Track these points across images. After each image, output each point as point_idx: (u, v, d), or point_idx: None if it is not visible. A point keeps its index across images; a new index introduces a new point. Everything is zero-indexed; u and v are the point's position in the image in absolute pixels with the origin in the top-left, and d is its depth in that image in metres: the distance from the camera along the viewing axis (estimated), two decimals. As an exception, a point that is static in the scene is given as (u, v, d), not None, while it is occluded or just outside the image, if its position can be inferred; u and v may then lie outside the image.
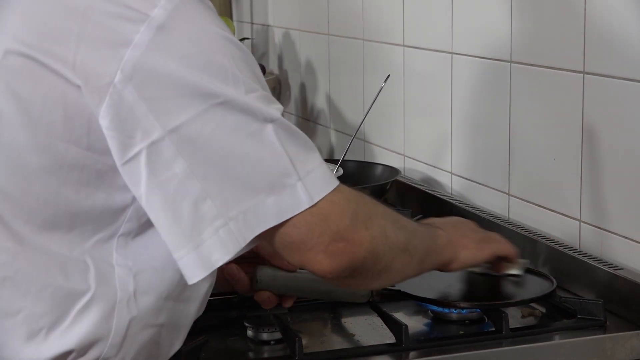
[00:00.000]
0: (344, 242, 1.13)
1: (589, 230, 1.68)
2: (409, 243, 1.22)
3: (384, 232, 1.18)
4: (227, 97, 1.09)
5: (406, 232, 1.22)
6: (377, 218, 1.17)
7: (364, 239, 1.14)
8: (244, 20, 3.43)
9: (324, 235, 1.12)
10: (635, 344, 1.44)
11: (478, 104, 1.99)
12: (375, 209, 1.19)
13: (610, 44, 1.59)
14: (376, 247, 1.16)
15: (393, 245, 1.19)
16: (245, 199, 1.10)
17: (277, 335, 1.43)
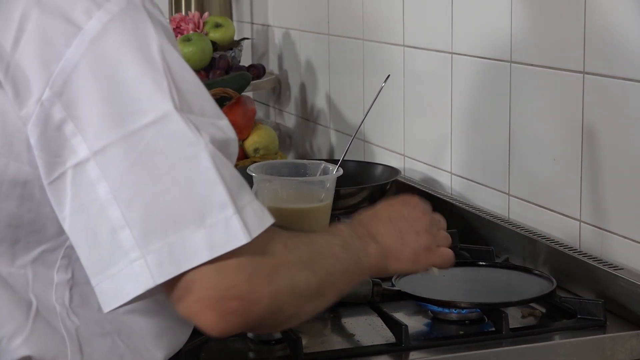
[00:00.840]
0: (238, 301, 1.01)
1: (589, 230, 1.68)
2: (323, 285, 1.13)
3: (292, 284, 1.08)
4: (158, 116, 1.03)
5: (323, 273, 1.13)
6: (286, 268, 1.07)
7: (263, 297, 1.03)
8: (244, 20, 3.43)
9: (213, 289, 1.01)
10: (635, 344, 1.44)
11: (478, 104, 1.99)
12: (286, 256, 1.08)
13: (610, 44, 1.59)
14: (278, 302, 1.06)
15: (302, 294, 1.10)
16: (172, 231, 1.01)
17: (277, 335, 1.43)
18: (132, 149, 1.02)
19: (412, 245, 1.27)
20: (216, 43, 2.89)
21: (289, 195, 1.75)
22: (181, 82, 1.08)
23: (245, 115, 2.51)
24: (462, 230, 1.91)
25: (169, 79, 1.06)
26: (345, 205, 2.03)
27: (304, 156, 2.91)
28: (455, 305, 1.48)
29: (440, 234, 1.33)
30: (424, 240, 1.29)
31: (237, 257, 1.02)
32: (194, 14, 2.93)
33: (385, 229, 1.26)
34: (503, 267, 1.66)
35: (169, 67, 1.07)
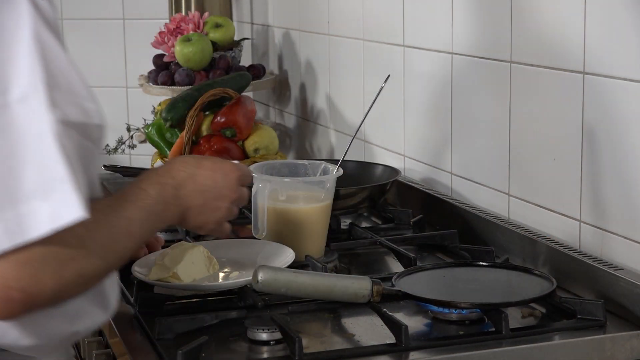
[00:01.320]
0: (21, 293, 1.11)
1: (589, 231, 1.68)
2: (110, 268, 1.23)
3: (79, 274, 1.16)
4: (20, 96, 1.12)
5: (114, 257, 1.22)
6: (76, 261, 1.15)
7: (46, 288, 1.12)
8: (244, 20, 3.43)
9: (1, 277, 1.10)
10: (635, 344, 1.44)
11: (478, 104, 1.99)
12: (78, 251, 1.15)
13: (610, 44, 1.59)
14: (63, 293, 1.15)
15: (89, 281, 1.19)
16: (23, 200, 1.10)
17: (277, 335, 1.43)
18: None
19: (206, 216, 1.44)
20: (216, 43, 2.89)
21: (289, 195, 1.75)
22: (52, 62, 1.15)
23: (245, 115, 2.51)
24: (462, 230, 1.92)
25: (40, 60, 1.14)
26: (345, 206, 2.03)
27: (304, 156, 2.92)
28: (455, 306, 1.48)
29: (235, 210, 1.50)
30: (219, 215, 1.46)
31: (27, 251, 1.10)
32: (194, 14, 2.93)
33: (194, 196, 1.40)
34: (503, 267, 1.66)
35: (42, 49, 1.15)
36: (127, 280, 1.70)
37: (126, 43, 3.55)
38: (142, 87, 2.96)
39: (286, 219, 1.75)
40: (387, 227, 2.04)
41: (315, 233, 1.77)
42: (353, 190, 2.03)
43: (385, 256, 1.89)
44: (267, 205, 1.71)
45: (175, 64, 2.86)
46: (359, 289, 1.48)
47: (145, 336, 1.48)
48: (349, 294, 1.48)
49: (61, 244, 1.13)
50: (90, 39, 3.55)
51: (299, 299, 1.54)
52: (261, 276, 1.45)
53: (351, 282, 1.49)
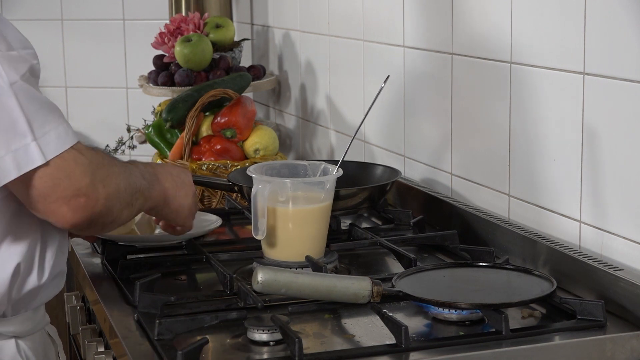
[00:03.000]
0: (85, 198, 1.35)
1: (589, 231, 1.68)
2: (133, 198, 1.47)
3: (117, 190, 1.41)
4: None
5: (134, 188, 1.47)
6: (113, 177, 1.40)
7: (101, 196, 1.37)
8: (244, 21, 3.43)
9: (67, 190, 1.34)
10: (636, 345, 1.44)
11: (478, 104, 1.99)
12: (112, 169, 1.41)
13: (610, 44, 1.59)
14: (111, 203, 1.39)
15: (123, 201, 1.43)
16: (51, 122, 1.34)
17: (277, 336, 1.43)
18: None
19: (181, 200, 1.63)
20: (216, 44, 2.89)
21: (288, 196, 1.75)
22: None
23: (245, 116, 2.51)
24: (463, 230, 1.92)
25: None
26: (345, 206, 2.03)
27: (304, 157, 2.92)
28: (456, 306, 1.48)
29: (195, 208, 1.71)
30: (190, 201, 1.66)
31: (81, 166, 1.35)
32: (194, 15, 2.93)
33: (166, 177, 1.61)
34: (503, 267, 1.66)
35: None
36: (127, 281, 1.70)
37: (126, 43, 3.55)
38: (142, 88, 2.96)
39: (286, 220, 1.75)
40: (387, 227, 2.04)
41: (315, 234, 1.77)
42: (353, 190, 2.03)
43: (385, 257, 1.89)
44: (267, 206, 1.71)
45: (175, 64, 2.86)
46: (359, 290, 1.48)
47: (145, 336, 1.48)
48: (349, 295, 1.48)
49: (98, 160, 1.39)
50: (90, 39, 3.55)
51: (299, 299, 1.54)
52: (261, 277, 1.45)
53: (351, 282, 1.49)
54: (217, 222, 1.99)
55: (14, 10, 3.49)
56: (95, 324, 1.79)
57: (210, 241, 2.00)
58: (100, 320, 1.67)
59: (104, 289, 1.72)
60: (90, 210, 1.36)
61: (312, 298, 1.51)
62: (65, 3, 3.54)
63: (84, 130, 3.62)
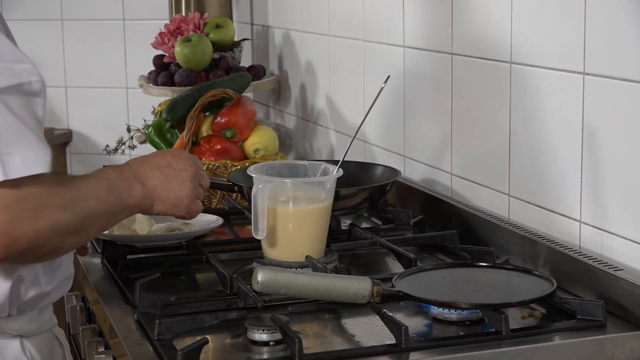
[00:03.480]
0: (1, 237, 1.26)
1: (589, 231, 1.68)
2: (84, 224, 1.36)
3: (53, 224, 1.30)
4: None
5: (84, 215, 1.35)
6: (49, 210, 1.30)
7: (24, 234, 1.27)
8: (244, 21, 3.43)
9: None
10: (636, 345, 1.44)
11: (478, 104, 1.99)
12: (51, 201, 1.30)
13: (610, 44, 1.59)
14: (39, 240, 1.30)
15: (63, 233, 1.33)
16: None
17: (277, 336, 1.43)
18: None
19: (176, 191, 1.50)
20: (216, 44, 2.89)
21: (289, 196, 1.74)
22: None
23: (245, 116, 2.51)
24: (463, 231, 1.92)
25: None
26: (345, 206, 2.03)
27: (304, 157, 2.92)
28: (456, 306, 1.48)
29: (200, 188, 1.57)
30: (187, 188, 1.52)
31: (3, 200, 1.25)
32: (194, 15, 2.93)
33: (152, 174, 1.49)
34: (503, 267, 1.66)
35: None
36: (127, 281, 1.70)
37: (126, 43, 3.55)
38: (142, 88, 2.96)
39: (286, 220, 1.75)
40: (387, 227, 2.04)
41: (316, 234, 1.77)
42: (353, 190, 2.03)
43: (385, 257, 1.89)
44: (267, 205, 1.71)
45: (175, 64, 2.86)
46: (359, 290, 1.48)
47: (145, 336, 1.48)
48: (349, 295, 1.48)
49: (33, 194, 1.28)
50: (90, 39, 3.55)
51: (299, 299, 1.54)
52: (261, 277, 1.45)
53: (351, 282, 1.49)
54: (217, 222, 1.99)
55: (14, 10, 3.50)
56: (95, 324, 1.79)
57: (210, 241, 2.00)
58: (100, 320, 1.67)
59: (104, 289, 1.72)
60: (7, 249, 1.28)
61: (312, 298, 1.51)
62: (65, 3, 3.54)
63: (84, 130, 3.63)
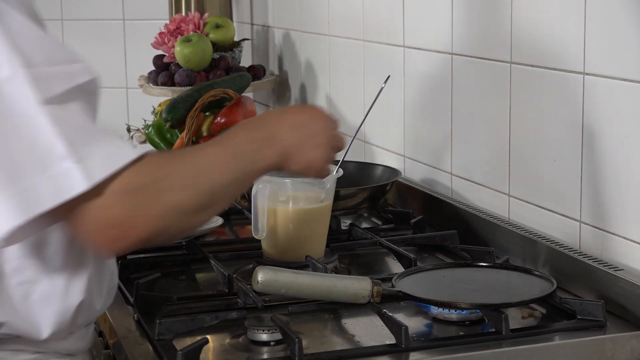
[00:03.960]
0: (118, 229, 1.17)
1: (589, 231, 1.68)
2: (208, 199, 1.24)
3: (174, 206, 1.20)
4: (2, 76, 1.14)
5: (207, 188, 1.23)
6: (170, 192, 1.19)
7: (141, 222, 1.17)
8: (244, 21, 3.43)
9: (101, 221, 1.16)
10: (636, 345, 1.44)
11: (478, 104, 1.99)
12: (170, 182, 1.20)
13: (610, 44, 1.59)
14: (162, 224, 1.19)
15: (187, 212, 1.21)
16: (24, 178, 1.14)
17: (277, 336, 1.43)
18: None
19: (311, 154, 1.39)
20: (216, 44, 2.89)
21: (288, 196, 1.75)
22: (24, 40, 1.17)
23: (245, 116, 2.51)
24: (463, 231, 1.92)
25: (10, 41, 1.15)
26: (345, 206, 2.03)
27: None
28: (456, 306, 1.48)
29: (332, 152, 1.44)
30: (322, 152, 1.40)
31: (117, 189, 1.15)
32: (194, 15, 2.93)
33: (289, 133, 1.36)
34: (503, 267, 1.66)
35: (10, 29, 1.16)
36: (127, 281, 1.70)
37: (126, 43, 3.55)
38: (142, 88, 2.96)
39: (286, 220, 1.75)
40: (387, 227, 2.04)
41: (316, 234, 1.77)
42: (353, 190, 2.03)
43: (385, 257, 1.89)
44: (267, 205, 1.71)
45: (175, 64, 2.86)
46: (359, 290, 1.48)
47: (145, 336, 1.48)
48: (349, 295, 1.48)
49: (143, 180, 1.17)
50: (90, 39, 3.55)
51: (299, 299, 1.54)
52: (261, 277, 1.45)
53: (351, 282, 1.49)
54: (217, 222, 1.99)
55: (14, 10, 3.49)
56: (95, 324, 1.79)
57: (210, 241, 2.00)
58: (100, 320, 1.66)
59: (104, 289, 1.72)
60: (128, 240, 1.18)
61: (312, 298, 1.51)
62: (65, 3, 3.54)
63: (84, 130, 3.62)
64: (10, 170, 1.15)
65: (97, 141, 1.16)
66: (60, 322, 1.33)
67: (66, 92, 1.17)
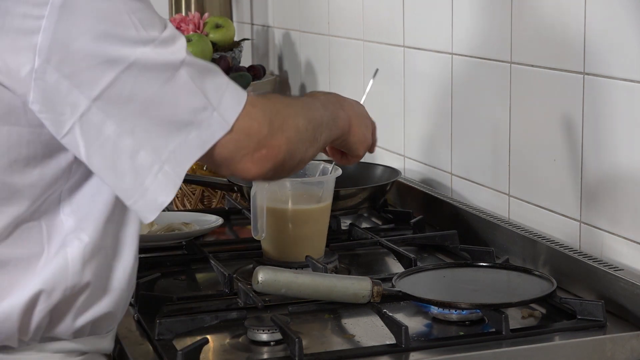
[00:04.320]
0: (266, 149, 1.30)
1: (589, 231, 1.68)
2: (317, 133, 1.40)
3: (297, 131, 1.35)
4: (136, 57, 1.20)
5: (315, 123, 1.41)
6: (291, 119, 1.34)
7: (282, 142, 1.31)
8: (244, 21, 3.43)
9: (248, 147, 1.28)
10: (636, 345, 1.44)
11: (478, 104, 1.99)
12: (288, 110, 1.35)
13: (610, 44, 1.59)
14: (292, 146, 1.33)
15: (305, 140, 1.37)
16: (171, 140, 1.23)
17: (277, 336, 1.43)
18: (122, 87, 1.20)
19: (365, 130, 1.59)
20: (216, 44, 2.89)
21: (287, 196, 1.74)
22: (142, 17, 1.23)
23: (245, 115, 2.51)
24: (463, 231, 1.92)
25: (134, 20, 1.22)
26: (345, 206, 2.03)
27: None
28: (456, 306, 1.48)
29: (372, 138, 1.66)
30: (370, 132, 1.63)
31: (256, 119, 1.29)
32: (194, 15, 2.93)
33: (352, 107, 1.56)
34: (503, 267, 1.66)
35: (130, 9, 1.22)
36: (127, 281, 1.70)
37: (126, 43, 3.54)
38: (142, 88, 2.96)
39: (286, 220, 1.75)
40: (387, 227, 2.04)
41: (315, 233, 1.77)
42: (353, 190, 2.03)
43: (385, 257, 1.89)
44: (266, 205, 1.71)
45: (175, 64, 2.86)
46: (359, 290, 1.48)
47: (145, 336, 1.48)
48: (349, 295, 1.48)
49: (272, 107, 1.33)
50: (90, 39, 3.54)
51: (299, 299, 1.54)
52: (261, 277, 1.45)
53: (351, 282, 1.49)
54: (217, 222, 1.99)
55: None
56: (95, 324, 1.79)
57: (210, 241, 2.00)
58: (100, 320, 1.66)
59: (104, 289, 1.72)
60: (273, 160, 1.31)
61: (312, 298, 1.51)
62: (65, 3, 3.54)
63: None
64: (157, 137, 1.22)
65: (221, 84, 1.29)
66: None
67: (182, 49, 1.25)
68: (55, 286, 1.29)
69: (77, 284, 1.31)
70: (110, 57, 1.20)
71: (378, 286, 1.49)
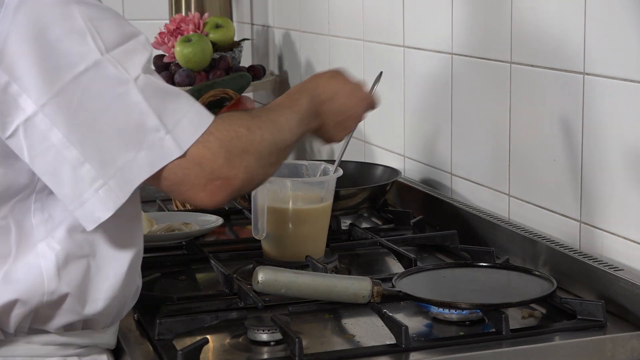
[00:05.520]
0: (220, 180, 1.25)
1: (589, 231, 1.68)
2: (281, 156, 1.36)
3: (259, 157, 1.30)
4: (88, 65, 1.20)
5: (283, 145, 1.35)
6: (254, 145, 1.29)
7: (239, 172, 1.27)
8: (244, 21, 3.43)
9: (200, 176, 1.24)
10: (636, 345, 1.44)
11: (478, 104, 1.99)
12: (252, 136, 1.29)
13: (610, 44, 1.59)
14: (251, 174, 1.29)
15: (267, 164, 1.32)
16: (120, 157, 1.21)
17: (277, 336, 1.43)
18: (72, 96, 1.20)
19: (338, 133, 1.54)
20: (216, 44, 2.89)
21: (288, 196, 1.75)
22: (101, 25, 1.22)
23: (245, 115, 2.51)
24: (463, 231, 1.92)
25: (90, 28, 1.21)
26: (345, 206, 2.03)
27: (303, 157, 2.91)
28: (456, 306, 1.48)
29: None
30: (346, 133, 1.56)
31: (210, 149, 1.24)
32: (194, 15, 2.93)
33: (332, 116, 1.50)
34: (503, 267, 1.66)
35: (88, 16, 1.21)
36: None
37: (126, 43, 3.54)
38: (142, 88, 2.96)
39: (286, 220, 1.75)
40: (387, 227, 2.04)
41: (316, 233, 1.77)
42: (353, 190, 2.03)
43: (385, 257, 1.89)
44: (267, 205, 1.71)
45: (175, 64, 2.86)
46: (359, 290, 1.48)
47: (145, 336, 1.48)
48: (349, 295, 1.48)
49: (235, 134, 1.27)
50: (90, 39, 3.54)
51: (299, 299, 1.54)
52: (261, 277, 1.45)
53: (351, 282, 1.49)
54: (217, 222, 1.99)
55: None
56: (95, 324, 1.79)
57: (210, 241, 2.00)
58: (100, 320, 1.67)
59: (104, 289, 1.72)
60: (228, 190, 1.26)
61: (312, 298, 1.51)
62: (65, 3, 3.54)
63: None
64: (106, 152, 1.21)
65: (181, 108, 1.24)
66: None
67: (145, 65, 1.24)
68: (31, 296, 1.30)
69: (55, 292, 1.31)
70: (61, 63, 1.19)
71: (378, 286, 1.49)
